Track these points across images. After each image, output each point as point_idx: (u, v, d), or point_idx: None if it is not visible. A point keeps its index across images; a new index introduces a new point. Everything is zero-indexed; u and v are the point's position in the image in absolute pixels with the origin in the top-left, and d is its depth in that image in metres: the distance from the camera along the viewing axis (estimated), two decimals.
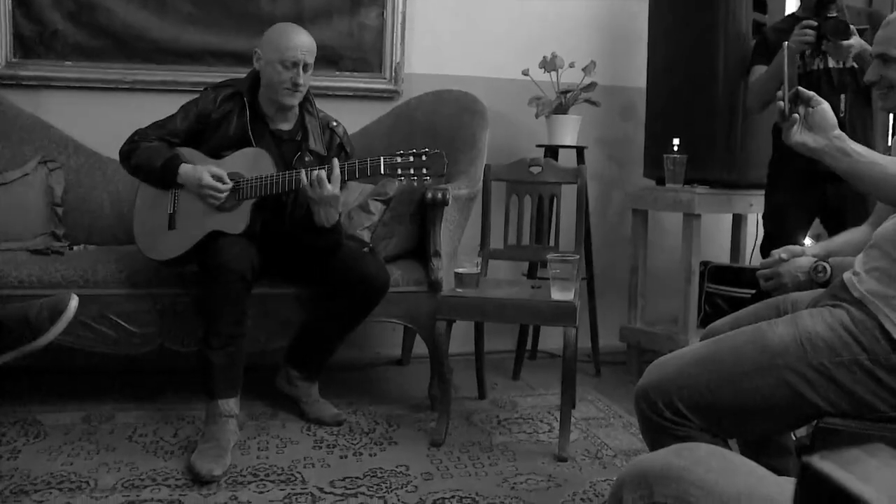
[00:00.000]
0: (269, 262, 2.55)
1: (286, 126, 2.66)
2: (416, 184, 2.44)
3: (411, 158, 2.40)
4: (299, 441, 2.51)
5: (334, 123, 2.71)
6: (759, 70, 2.91)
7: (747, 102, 2.99)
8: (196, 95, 2.68)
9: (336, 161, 2.44)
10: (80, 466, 2.26)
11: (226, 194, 2.47)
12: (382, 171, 2.41)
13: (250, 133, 2.57)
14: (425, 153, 2.40)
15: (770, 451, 1.78)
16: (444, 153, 2.43)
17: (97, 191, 3.13)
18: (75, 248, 2.92)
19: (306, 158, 2.59)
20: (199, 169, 2.47)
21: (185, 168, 2.49)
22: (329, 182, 2.39)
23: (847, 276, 1.50)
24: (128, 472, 2.23)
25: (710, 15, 3.11)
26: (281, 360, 2.75)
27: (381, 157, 2.41)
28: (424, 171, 2.40)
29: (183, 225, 2.53)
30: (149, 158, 2.52)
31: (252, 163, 2.51)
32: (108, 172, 3.16)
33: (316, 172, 2.40)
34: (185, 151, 2.58)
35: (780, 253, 1.80)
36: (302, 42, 2.56)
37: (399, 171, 2.40)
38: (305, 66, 2.56)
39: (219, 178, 2.46)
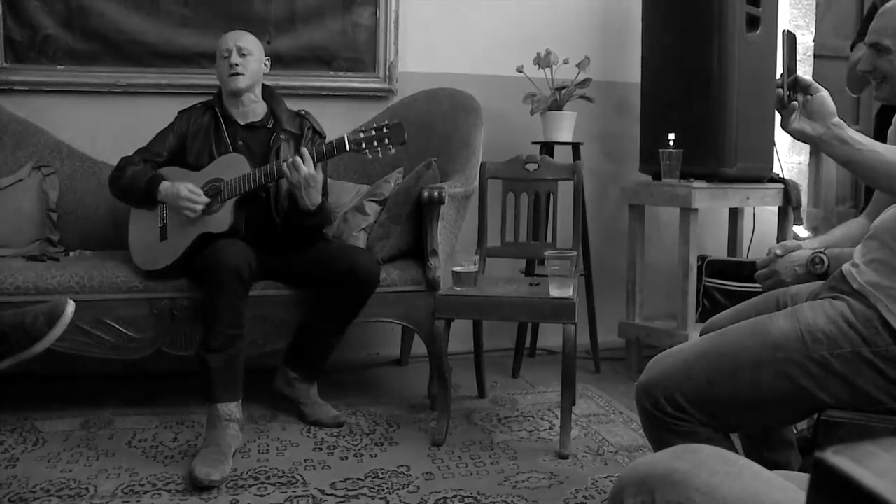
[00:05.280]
0: (264, 265, 2.57)
1: (256, 118, 2.81)
2: (380, 155, 2.53)
3: (373, 132, 2.52)
4: (299, 443, 2.50)
5: (303, 112, 2.86)
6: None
7: (846, 83, 2.85)
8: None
9: (304, 149, 2.56)
10: (80, 473, 2.25)
11: (202, 206, 2.59)
12: (348, 148, 2.53)
13: (227, 138, 2.74)
14: (385, 125, 2.53)
15: (772, 444, 1.78)
16: (404, 124, 2.55)
17: (92, 196, 3.11)
18: (71, 253, 2.91)
19: (282, 136, 2.74)
20: (176, 184, 2.63)
21: (164, 185, 2.66)
22: (304, 164, 2.51)
23: (846, 267, 1.50)
24: (127, 478, 2.22)
25: (703, 8, 3.11)
26: (279, 362, 2.74)
27: (345, 135, 2.54)
28: (387, 141, 2.51)
29: (174, 234, 2.65)
30: (132, 181, 2.70)
31: (230, 167, 2.65)
32: (103, 177, 3.13)
33: (291, 159, 2.53)
34: (167, 170, 2.74)
35: (775, 249, 1.80)
36: (230, 34, 2.78)
37: (363, 146, 2.52)
38: (240, 50, 2.72)
39: (194, 193, 2.61)
